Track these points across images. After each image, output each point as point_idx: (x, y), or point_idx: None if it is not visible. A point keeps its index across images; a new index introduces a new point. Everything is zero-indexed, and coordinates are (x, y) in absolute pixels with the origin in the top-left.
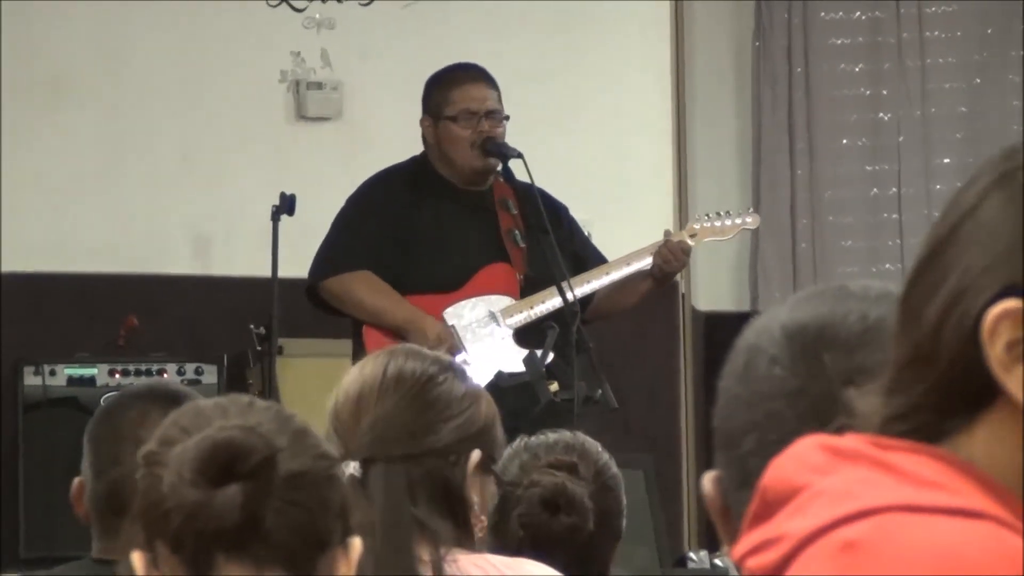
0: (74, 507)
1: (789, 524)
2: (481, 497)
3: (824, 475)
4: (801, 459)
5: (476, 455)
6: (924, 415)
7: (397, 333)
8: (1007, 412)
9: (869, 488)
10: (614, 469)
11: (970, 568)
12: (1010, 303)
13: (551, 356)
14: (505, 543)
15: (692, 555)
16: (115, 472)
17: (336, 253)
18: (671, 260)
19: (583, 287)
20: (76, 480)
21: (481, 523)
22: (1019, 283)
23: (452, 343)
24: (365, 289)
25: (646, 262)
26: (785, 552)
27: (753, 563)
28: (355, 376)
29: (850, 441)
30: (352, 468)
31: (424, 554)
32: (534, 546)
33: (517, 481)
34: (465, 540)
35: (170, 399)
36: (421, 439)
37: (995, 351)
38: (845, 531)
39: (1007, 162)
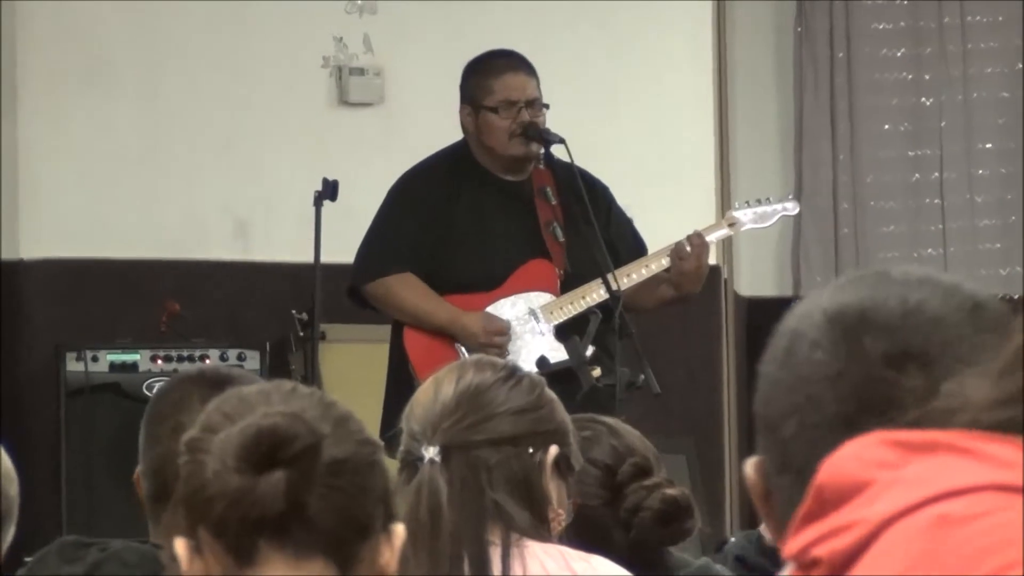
0: (136, 492)
1: (863, 511)
2: (559, 495)
3: (893, 469)
4: (862, 456)
5: (554, 450)
6: None
7: (440, 334)
8: None
9: (955, 472)
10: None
11: None
12: None
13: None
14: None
15: (734, 539)
16: (153, 454)
17: (376, 256)
18: (685, 256)
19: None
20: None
21: (559, 517)
22: None
23: (500, 326)
24: (406, 292)
25: (664, 263)
26: (862, 535)
27: (821, 550)
28: (430, 386)
29: (922, 434)
30: (432, 453)
31: (496, 537)
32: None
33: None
34: (541, 532)
35: (213, 383)
36: (498, 427)
37: None
38: (938, 507)
39: None
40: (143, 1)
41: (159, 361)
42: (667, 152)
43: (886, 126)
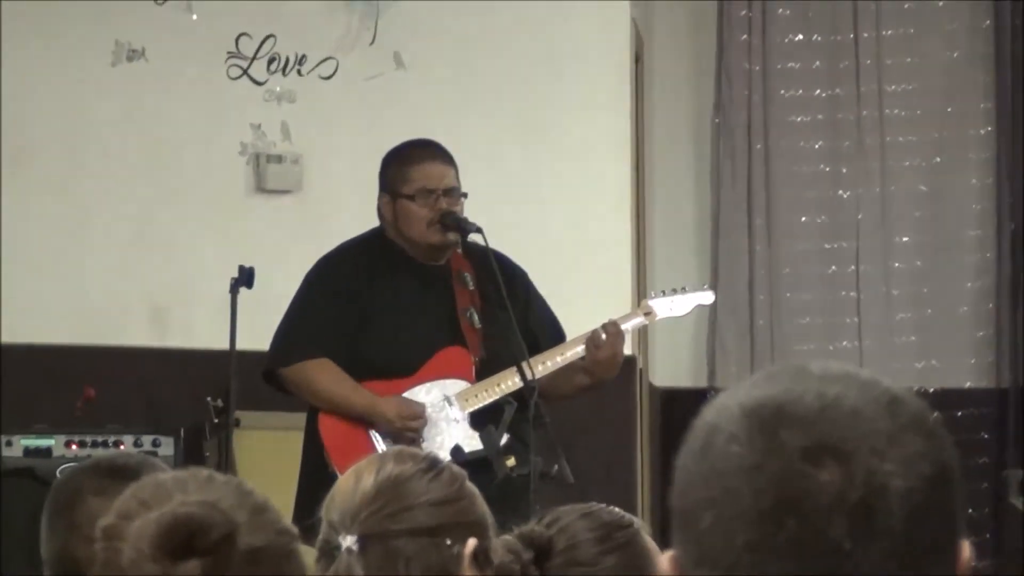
0: None
1: None
2: None
3: None
4: None
5: (472, 543)
6: None
7: (356, 420)
8: None
9: None
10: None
11: None
12: None
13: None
14: None
15: None
16: (52, 548)
17: (292, 341)
18: (601, 344)
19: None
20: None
21: None
22: None
23: (414, 411)
24: (322, 377)
25: (579, 351)
26: None
27: None
28: (350, 476)
29: None
30: (350, 541)
31: None
32: None
33: None
34: None
35: (107, 474)
36: (417, 517)
37: None
38: None
39: None
40: (63, 89)
41: (74, 446)
42: (584, 240)
43: (803, 218)
